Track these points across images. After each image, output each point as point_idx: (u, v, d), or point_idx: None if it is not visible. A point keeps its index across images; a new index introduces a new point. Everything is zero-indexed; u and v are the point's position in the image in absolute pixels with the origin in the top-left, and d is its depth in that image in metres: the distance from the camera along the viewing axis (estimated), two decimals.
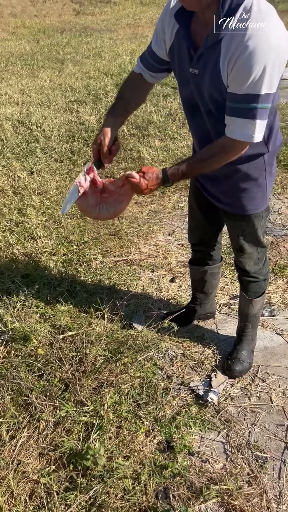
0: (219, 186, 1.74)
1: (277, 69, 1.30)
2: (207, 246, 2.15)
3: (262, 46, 1.25)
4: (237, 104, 1.36)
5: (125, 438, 1.75)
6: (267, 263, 2.00)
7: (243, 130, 1.39)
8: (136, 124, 5.02)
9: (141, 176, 1.56)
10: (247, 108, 1.35)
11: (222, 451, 1.76)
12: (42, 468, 1.66)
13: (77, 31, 11.88)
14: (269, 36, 1.25)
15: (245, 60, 1.28)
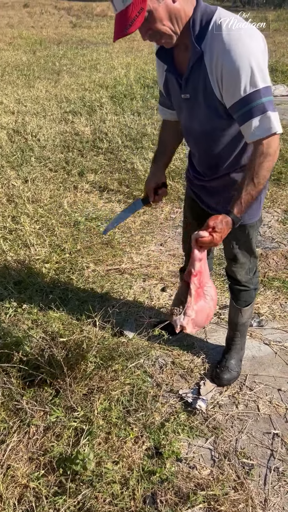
0: (216, 197, 1.79)
1: (262, 61, 1.34)
2: None
3: (240, 47, 1.31)
4: (244, 108, 1.37)
5: (114, 444, 1.77)
6: (257, 273, 2.05)
7: (262, 127, 1.37)
8: (130, 136, 5.10)
9: (211, 232, 1.49)
10: (254, 107, 1.36)
11: (210, 457, 1.79)
12: (32, 472, 1.67)
13: (73, 43, 12.04)
14: (242, 35, 1.32)
15: (230, 66, 1.32)
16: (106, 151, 4.76)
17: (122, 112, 5.96)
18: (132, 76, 7.65)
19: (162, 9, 1.32)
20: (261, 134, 1.38)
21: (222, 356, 2.16)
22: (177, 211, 3.72)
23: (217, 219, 1.49)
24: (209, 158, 1.68)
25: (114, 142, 4.94)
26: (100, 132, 5.24)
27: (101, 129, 5.32)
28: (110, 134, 5.14)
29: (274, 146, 1.40)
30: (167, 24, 1.36)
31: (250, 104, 1.36)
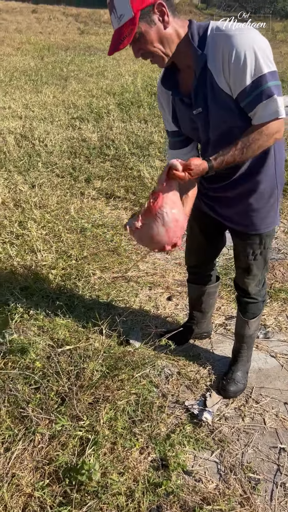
0: (234, 207, 1.77)
1: (266, 47, 1.39)
2: (204, 269, 2.19)
3: (241, 37, 1.37)
4: (251, 95, 1.41)
5: (119, 454, 1.75)
6: (265, 285, 2.05)
7: (268, 110, 1.41)
8: (137, 143, 5.11)
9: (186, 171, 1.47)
10: (261, 91, 1.39)
11: (216, 471, 1.77)
12: (36, 481, 1.66)
13: (81, 50, 12.13)
14: (242, 29, 1.39)
15: (235, 57, 1.37)
16: (113, 158, 4.78)
17: (129, 119, 5.99)
18: (139, 84, 7.69)
19: (153, 32, 1.41)
20: (267, 117, 1.43)
21: (228, 368, 2.15)
22: None
23: (197, 164, 1.47)
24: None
25: (121, 149, 4.95)
26: (107, 139, 5.25)
27: (108, 136, 5.34)
28: (117, 141, 5.16)
29: (274, 129, 1.46)
30: (157, 46, 1.44)
31: (257, 89, 1.39)
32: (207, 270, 2.19)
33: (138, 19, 1.37)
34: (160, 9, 1.38)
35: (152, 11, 1.38)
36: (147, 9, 1.37)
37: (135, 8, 1.35)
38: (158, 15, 1.39)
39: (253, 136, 1.47)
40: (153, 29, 1.40)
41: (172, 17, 1.42)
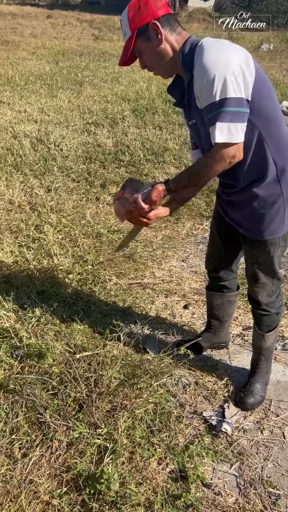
0: (240, 211, 1.79)
1: (237, 71, 1.42)
2: (223, 274, 2.17)
3: (216, 56, 1.42)
4: (209, 115, 1.47)
5: (138, 464, 1.73)
6: (280, 296, 2.02)
7: (220, 134, 1.46)
8: (152, 150, 5.12)
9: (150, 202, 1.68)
10: (216, 114, 1.45)
11: (235, 484, 1.74)
12: (54, 489, 1.64)
13: (95, 56, 12.22)
14: (220, 47, 1.45)
15: (202, 76, 1.44)
16: (128, 164, 4.78)
17: (144, 125, 6.01)
18: (154, 90, 7.72)
19: (149, 48, 1.56)
20: (219, 139, 1.47)
21: (247, 380, 2.12)
22: (199, 227, 3.71)
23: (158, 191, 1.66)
24: None
25: (136, 155, 4.96)
26: (122, 145, 5.27)
27: (123, 142, 5.35)
28: (132, 147, 5.17)
29: (225, 154, 1.50)
30: (154, 61, 1.60)
31: (214, 111, 1.45)
32: (225, 276, 2.17)
33: (136, 37, 1.53)
34: (154, 28, 1.51)
35: (147, 29, 1.52)
36: (143, 28, 1.52)
37: (132, 27, 1.53)
38: (153, 33, 1.52)
39: (204, 159, 1.58)
40: (149, 46, 1.55)
41: (170, 33, 1.54)
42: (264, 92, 1.55)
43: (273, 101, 1.60)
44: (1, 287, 2.62)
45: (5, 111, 6.40)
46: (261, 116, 1.55)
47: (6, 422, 1.85)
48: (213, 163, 1.55)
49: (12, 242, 3.18)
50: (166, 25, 1.53)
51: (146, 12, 1.50)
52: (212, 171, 1.58)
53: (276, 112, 1.61)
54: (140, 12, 1.51)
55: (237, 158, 1.54)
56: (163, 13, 1.52)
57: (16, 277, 2.80)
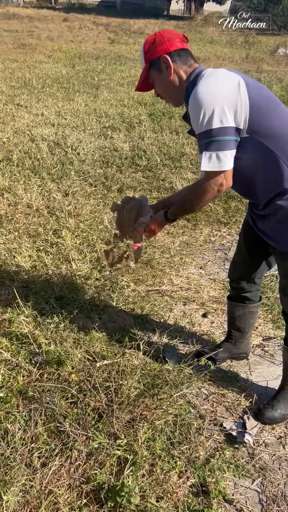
0: (268, 223, 1.78)
1: (224, 102, 1.49)
2: (245, 285, 2.14)
3: (203, 91, 1.51)
4: (199, 142, 1.57)
5: (158, 477, 1.71)
6: None
7: (208, 162, 1.55)
8: (169, 155, 5.10)
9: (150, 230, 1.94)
10: (203, 144, 1.55)
11: (257, 500, 1.71)
12: (74, 500, 1.62)
13: (111, 59, 12.26)
14: (211, 82, 1.52)
15: (192, 107, 1.54)
16: (145, 169, 4.77)
17: (160, 130, 5.99)
18: None
19: (160, 79, 1.70)
20: (206, 167, 1.56)
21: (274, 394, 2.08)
22: (217, 233, 3.68)
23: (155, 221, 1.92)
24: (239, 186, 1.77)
25: (153, 160, 4.95)
26: (138, 149, 5.26)
27: (139, 146, 5.35)
28: (149, 152, 5.16)
29: (212, 183, 1.60)
30: (165, 91, 1.75)
31: (202, 140, 1.55)
32: (248, 288, 2.14)
33: (149, 68, 1.70)
34: (165, 61, 1.66)
35: (159, 62, 1.66)
36: (156, 61, 1.67)
37: (146, 59, 1.69)
38: (164, 65, 1.66)
39: (193, 188, 1.70)
40: (160, 77, 1.70)
41: (180, 66, 1.67)
42: (267, 111, 1.58)
43: (278, 116, 1.60)
44: (20, 292, 2.62)
45: (23, 114, 6.44)
46: (270, 136, 1.58)
47: (26, 430, 1.84)
48: (201, 192, 1.65)
49: (30, 247, 3.18)
50: (177, 59, 1.66)
51: (160, 47, 1.65)
52: (202, 200, 1.67)
53: (287, 125, 1.62)
54: (154, 46, 1.66)
55: (225, 186, 1.61)
56: (175, 48, 1.65)
57: (35, 282, 2.80)
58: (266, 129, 1.57)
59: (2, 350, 2.19)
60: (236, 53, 14.57)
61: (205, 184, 1.62)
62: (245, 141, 1.58)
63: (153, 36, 1.69)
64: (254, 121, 1.55)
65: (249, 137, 1.57)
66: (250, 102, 1.53)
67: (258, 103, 1.55)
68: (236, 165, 1.61)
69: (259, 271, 2.09)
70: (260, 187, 1.69)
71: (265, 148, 1.59)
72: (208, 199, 1.66)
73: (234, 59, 13.41)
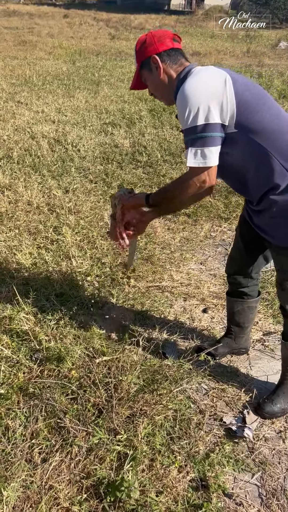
0: (263, 218, 1.78)
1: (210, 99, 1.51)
2: (242, 280, 2.14)
3: (189, 88, 1.53)
4: (185, 138, 1.59)
5: (158, 472, 1.71)
6: None
7: (193, 158, 1.56)
8: (170, 150, 5.09)
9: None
10: (188, 140, 1.56)
11: (257, 494, 1.71)
12: (74, 495, 1.63)
13: (112, 55, 12.22)
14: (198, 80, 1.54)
15: (179, 104, 1.57)
16: (145, 165, 4.77)
17: (161, 125, 5.98)
18: None
19: (151, 78, 1.73)
20: (191, 163, 1.57)
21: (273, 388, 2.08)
22: (217, 229, 3.67)
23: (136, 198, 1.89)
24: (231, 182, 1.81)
25: (153, 156, 4.94)
26: (139, 145, 5.25)
27: (140, 142, 5.34)
28: (149, 148, 5.15)
29: (195, 179, 1.60)
30: (156, 90, 1.77)
31: (188, 136, 1.57)
32: (245, 283, 2.14)
33: (140, 68, 1.74)
34: (154, 61, 1.69)
35: (150, 62, 1.70)
36: (146, 61, 1.70)
37: (138, 59, 1.73)
38: (154, 65, 1.69)
39: (177, 182, 1.69)
40: (151, 76, 1.73)
41: (169, 66, 1.69)
42: (256, 106, 1.58)
43: (268, 111, 1.61)
44: (21, 289, 2.63)
45: (23, 111, 6.44)
46: (259, 131, 1.59)
47: (26, 426, 1.85)
48: (184, 187, 1.65)
49: (30, 244, 3.19)
50: (167, 59, 1.69)
51: (150, 47, 1.68)
52: (183, 194, 1.68)
53: (276, 121, 1.62)
54: (145, 46, 1.69)
55: (208, 183, 1.62)
56: (165, 48, 1.68)
57: (35, 279, 2.81)
58: (255, 124, 1.58)
59: (3, 347, 2.20)
60: (237, 47, 14.49)
61: (188, 180, 1.63)
62: (235, 137, 1.59)
63: (144, 36, 1.72)
64: (242, 116, 1.57)
65: (239, 132, 1.58)
66: (237, 98, 1.55)
67: (245, 98, 1.57)
68: (227, 161, 1.63)
69: (255, 266, 2.09)
70: (252, 183, 1.69)
71: (255, 144, 1.60)
72: (189, 193, 1.67)
73: (235, 53, 13.34)
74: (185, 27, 20.32)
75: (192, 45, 13.96)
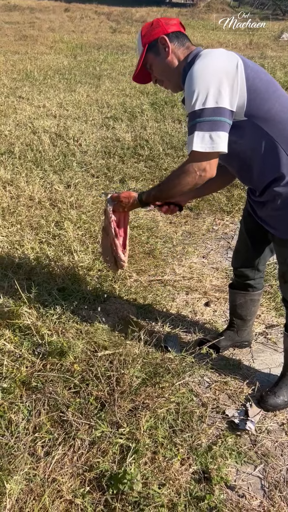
0: (266, 210, 1.78)
1: (217, 82, 1.46)
2: (249, 273, 2.14)
3: (198, 71, 1.48)
4: (190, 122, 1.52)
5: (160, 465, 1.72)
6: None
7: (200, 142, 1.49)
8: (172, 144, 5.07)
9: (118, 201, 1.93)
10: (192, 124, 1.50)
11: (259, 486, 1.72)
12: (77, 488, 1.64)
13: (113, 49, 12.14)
14: (205, 60, 1.50)
15: (187, 86, 1.51)
16: (147, 159, 4.75)
17: (163, 119, 5.95)
18: None
19: (158, 61, 1.67)
20: (196, 147, 1.50)
21: (276, 380, 2.08)
22: (220, 222, 3.66)
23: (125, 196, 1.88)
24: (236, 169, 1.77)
25: (155, 150, 4.92)
26: (141, 139, 5.23)
27: (142, 136, 5.31)
28: (151, 142, 5.13)
29: (195, 167, 1.54)
30: (163, 74, 1.70)
31: (191, 121, 1.50)
32: (252, 275, 2.14)
33: (146, 51, 1.67)
34: (162, 42, 1.64)
35: (157, 44, 1.65)
36: (153, 43, 1.65)
37: (144, 42, 1.67)
38: (162, 46, 1.65)
39: (176, 171, 1.62)
40: (158, 59, 1.67)
41: (177, 47, 1.65)
42: (266, 94, 1.55)
43: (278, 100, 1.57)
44: (23, 284, 2.63)
45: (24, 106, 6.42)
46: (268, 120, 1.56)
47: (29, 420, 1.86)
48: (182, 173, 1.58)
49: (32, 239, 3.19)
50: (175, 40, 1.65)
51: (157, 29, 1.65)
52: (180, 182, 1.60)
53: (286, 109, 1.59)
54: (152, 29, 1.66)
55: (208, 173, 1.55)
56: (173, 30, 1.65)
57: (37, 274, 2.81)
58: (265, 112, 1.55)
59: (6, 341, 2.20)
60: (239, 39, 14.36)
61: (188, 165, 1.56)
62: (243, 124, 1.56)
63: (150, 22, 1.69)
64: (252, 104, 1.52)
65: (248, 120, 1.55)
66: (248, 84, 1.50)
67: (256, 85, 1.52)
68: (234, 149, 1.59)
69: (262, 258, 2.08)
70: (257, 172, 1.67)
71: (263, 132, 1.57)
72: (188, 183, 1.59)
73: (237, 46, 13.22)
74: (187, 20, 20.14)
75: (194, 38, 13.84)
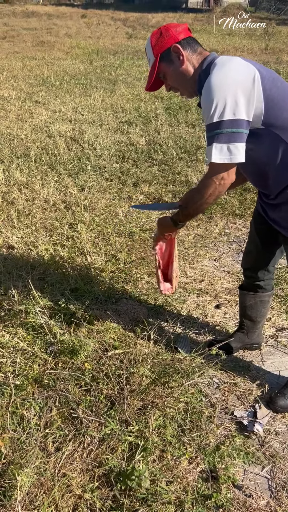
0: (279, 212, 1.79)
1: (234, 94, 1.47)
2: (259, 274, 2.15)
3: (216, 81, 1.48)
4: (208, 134, 1.53)
5: (168, 463, 1.74)
6: None
7: (219, 154, 1.51)
8: (185, 148, 5.10)
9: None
10: (211, 136, 1.52)
11: (266, 487, 1.73)
12: (86, 483, 1.67)
13: (129, 54, 12.26)
14: (225, 73, 1.49)
15: (205, 97, 1.51)
16: (161, 163, 4.79)
17: (177, 123, 5.99)
18: None
19: (172, 70, 1.65)
20: (212, 158, 1.52)
21: (286, 382, 2.09)
22: (232, 226, 3.68)
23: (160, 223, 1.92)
24: (252, 176, 1.79)
25: (168, 154, 4.96)
26: (154, 143, 5.27)
27: (156, 140, 5.36)
28: (165, 146, 5.17)
29: (213, 178, 1.57)
30: (178, 83, 1.68)
31: (213, 131, 1.51)
32: (261, 276, 2.15)
33: (159, 61, 1.64)
34: (176, 50, 1.61)
35: (170, 53, 1.62)
36: (165, 52, 1.62)
37: (155, 53, 1.64)
38: (175, 55, 1.62)
39: (202, 181, 1.62)
40: (172, 68, 1.64)
41: (191, 54, 1.63)
42: (283, 103, 1.57)
43: None
44: (37, 284, 2.69)
45: (41, 111, 6.53)
46: (286, 128, 1.58)
47: (40, 416, 1.90)
48: (203, 187, 1.61)
49: (47, 240, 3.25)
50: (187, 47, 1.63)
51: (168, 37, 1.61)
52: (204, 196, 1.63)
53: None
54: (162, 38, 1.62)
55: (227, 181, 1.58)
56: (183, 36, 1.62)
57: (51, 275, 2.86)
58: (282, 121, 1.57)
59: (19, 340, 2.26)
60: (255, 44, 14.35)
61: (207, 179, 1.59)
62: (260, 132, 1.58)
63: (157, 30, 1.66)
64: (270, 113, 1.54)
65: (265, 128, 1.57)
66: (265, 95, 1.52)
67: (273, 95, 1.54)
68: (250, 156, 1.60)
69: (272, 259, 2.09)
70: (273, 178, 1.69)
71: (280, 140, 1.59)
72: (210, 195, 1.62)
73: (253, 51, 13.22)
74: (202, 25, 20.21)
75: (210, 43, 13.89)
